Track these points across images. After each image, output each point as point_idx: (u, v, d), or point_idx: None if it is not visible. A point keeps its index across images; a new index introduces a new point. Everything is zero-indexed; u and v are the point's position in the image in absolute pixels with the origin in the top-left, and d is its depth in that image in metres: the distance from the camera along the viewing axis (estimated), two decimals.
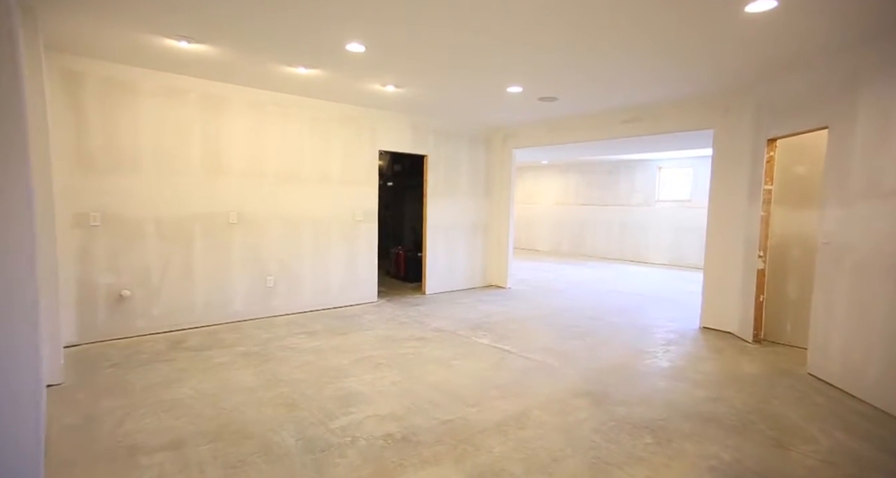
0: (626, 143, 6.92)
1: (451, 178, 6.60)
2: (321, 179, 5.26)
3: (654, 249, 10.49)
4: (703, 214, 9.67)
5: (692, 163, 9.88)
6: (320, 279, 5.33)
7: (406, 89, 4.67)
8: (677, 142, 6.67)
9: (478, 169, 6.96)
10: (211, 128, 4.42)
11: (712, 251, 4.89)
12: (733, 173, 4.68)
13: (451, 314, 5.32)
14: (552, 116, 5.95)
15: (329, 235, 5.37)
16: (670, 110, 5.12)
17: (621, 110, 5.46)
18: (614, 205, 11.28)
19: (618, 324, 5.04)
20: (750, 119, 4.49)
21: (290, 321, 4.82)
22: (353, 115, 5.46)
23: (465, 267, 6.92)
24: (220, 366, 3.47)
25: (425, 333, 4.51)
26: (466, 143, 6.75)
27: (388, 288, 6.86)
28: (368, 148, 5.65)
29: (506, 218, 7.09)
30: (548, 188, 12.85)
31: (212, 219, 4.48)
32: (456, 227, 6.74)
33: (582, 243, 11.95)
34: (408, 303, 5.88)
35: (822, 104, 3.53)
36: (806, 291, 4.24)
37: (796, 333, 4.31)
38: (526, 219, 13.36)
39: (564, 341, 4.34)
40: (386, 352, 3.92)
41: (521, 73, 4.03)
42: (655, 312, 5.69)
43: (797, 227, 4.30)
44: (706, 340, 4.46)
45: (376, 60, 3.75)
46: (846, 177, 3.29)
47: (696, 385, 3.32)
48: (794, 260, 4.32)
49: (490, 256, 7.26)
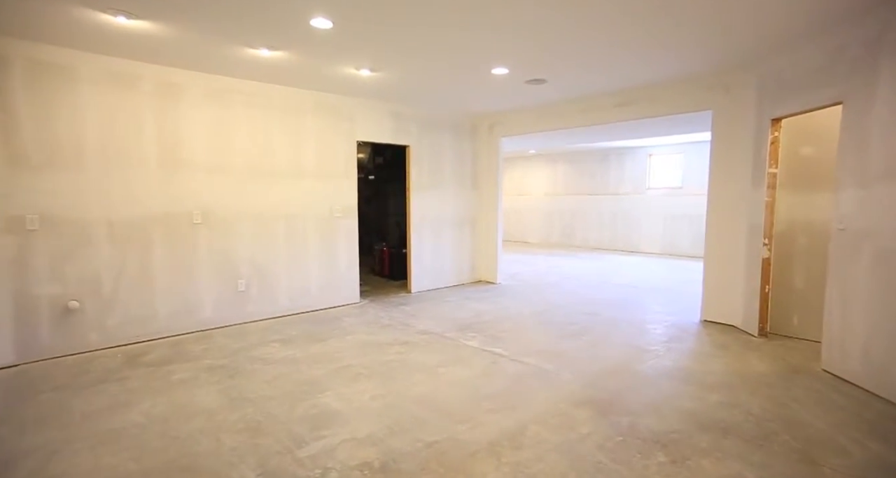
0: (620, 128, 6.60)
1: (435, 169, 6.25)
2: (295, 172, 4.87)
3: (647, 238, 10.27)
4: (695, 201, 9.45)
5: (683, 149, 9.64)
6: (297, 281, 4.96)
7: (383, 73, 4.29)
8: (673, 125, 6.37)
9: (463, 159, 6.61)
10: (168, 119, 4.01)
11: (713, 240, 4.62)
12: (734, 157, 4.40)
13: (439, 314, 5.00)
14: (541, 101, 5.61)
15: (305, 233, 4.99)
16: (666, 91, 4.81)
17: (614, 93, 5.14)
18: (604, 194, 11.02)
19: (615, 319, 4.75)
20: (752, 98, 4.20)
21: (265, 328, 4.46)
22: (328, 104, 5.07)
23: (453, 263, 6.59)
24: (180, 384, 3.10)
25: (410, 337, 4.18)
26: (451, 132, 6.39)
27: (372, 287, 6.51)
28: (346, 139, 5.27)
29: (494, 210, 6.76)
30: (536, 179, 12.55)
31: (173, 219, 4.08)
32: (441, 221, 6.40)
33: (573, 234, 11.69)
34: (392, 303, 5.54)
35: (836, 78, 3.24)
36: (814, 281, 3.99)
37: (804, 325, 4.06)
38: (515, 211, 13.06)
39: (560, 341, 4.04)
40: (367, 360, 3.58)
41: (507, 52, 3.68)
42: (652, 305, 5.42)
43: (804, 212, 4.03)
44: (709, 335, 4.20)
45: (346, 39, 3.37)
46: (864, 156, 3.01)
47: (706, 388, 3.04)
48: (801, 247, 4.06)
49: (478, 250, 6.94)
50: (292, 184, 4.86)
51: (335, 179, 5.20)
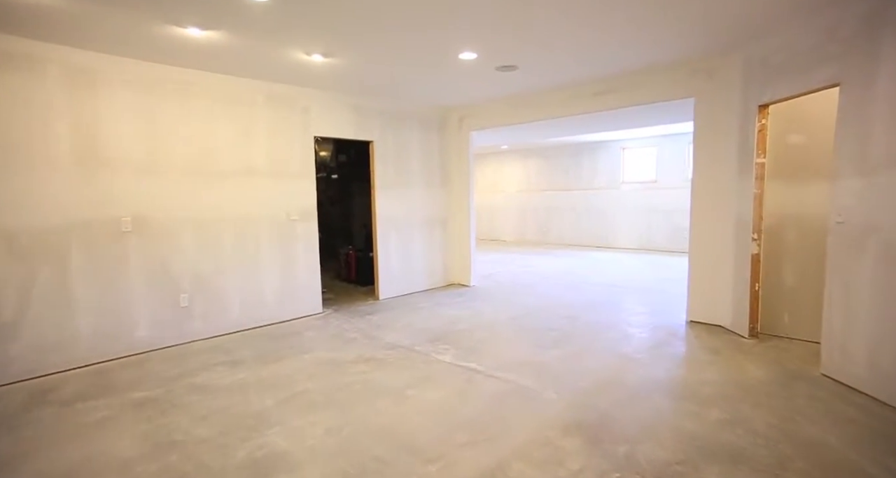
0: (598, 119, 6.30)
1: (401, 166, 5.82)
2: (244, 171, 4.37)
3: (622, 233, 10.10)
4: (670, 195, 9.31)
5: (657, 142, 9.49)
6: (250, 292, 4.46)
7: (338, 60, 3.85)
8: (654, 115, 6.10)
9: (432, 155, 6.20)
10: (84, 110, 3.46)
11: (698, 235, 4.36)
12: (719, 146, 4.14)
13: (408, 323, 4.59)
14: (513, 91, 5.26)
15: (258, 238, 4.50)
16: (646, 78, 4.52)
17: (592, 81, 4.82)
18: (578, 189, 10.80)
19: (597, 323, 4.44)
20: (737, 84, 3.94)
21: (212, 347, 3.96)
22: (280, 95, 4.58)
23: (423, 266, 6.19)
24: (95, 427, 2.60)
25: (376, 352, 3.76)
26: (418, 126, 5.98)
27: (336, 294, 6.04)
28: (302, 134, 4.79)
29: (466, 209, 6.39)
30: (509, 175, 12.26)
31: (95, 227, 3.53)
32: (410, 221, 5.98)
33: (547, 231, 11.45)
34: (358, 312, 5.10)
35: (832, 57, 2.98)
36: (805, 278, 3.76)
37: (795, 324, 3.84)
38: (488, 208, 12.74)
39: (540, 351, 3.70)
40: (325, 383, 3.14)
41: (474, 35, 3.29)
42: (634, 305, 5.15)
43: (793, 204, 3.79)
44: (698, 339, 3.93)
45: (288, 17, 2.91)
46: (866, 142, 2.76)
47: (704, 402, 2.73)
48: (791, 242, 3.83)
49: (451, 251, 6.55)
50: (242, 184, 4.36)
51: (291, 179, 4.72)
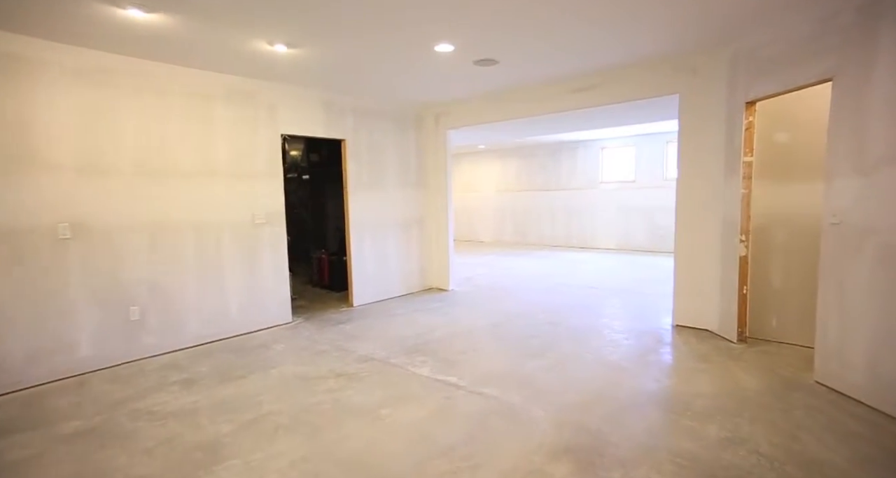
0: (578, 117, 6.12)
1: (376, 166, 5.54)
2: (204, 171, 4.02)
3: (601, 233, 10.02)
4: (648, 194, 9.27)
5: (635, 141, 9.44)
6: (211, 302, 4.12)
7: (304, 51, 3.55)
8: (636, 113, 5.94)
9: (407, 155, 5.94)
10: (12, 102, 3.08)
11: (684, 237, 4.22)
12: (705, 145, 4.00)
13: (383, 333, 4.32)
14: (492, 88, 5.04)
15: (220, 243, 4.16)
16: (628, 75, 4.36)
17: (572, 77, 4.64)
18: (557, 189, 10.69)
19: (581, 329, 4.26)
20: (723, 80, 3.81)
21: (167, 365, 3.61)
22: (243, 90, 4.25)
23: (400, 270, 5.92)
24: (14, 469, 2.25)
25: (348, 366, 3.48)
26: (393, 124, 5.71)
27: (309, 301, 5.72)
28: (268, 132, 4.46)
29: (443, 210, 6.15)
30: (487, 175, 12.08)
31: (25, 234, 3.15)
32: (385, 223, 5.71)
33: (526, 231, 11.31)
34: (330, 320, 4.80)
35: (825, 51, 2.85)
36: (792, 280, 3.65)
37: (784, 327, 3.72)
38: (466, 209, 12.54)
39: (524, 362, 3.48)
40: (291, 404, 2.85)
41: (451, 24, 3.05)
42: (618, 308, 4.99)
43: (781, 204, 3.68)
44: (686, 345, 3.78)
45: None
46: (862, 139, 2.63)
47: (701, 417, 2.56)
48: (779, 243, 3.71)
49: (428, 254, 6.30)
50: (202, 185, 4.01)
51: (256, 179, 4.39)
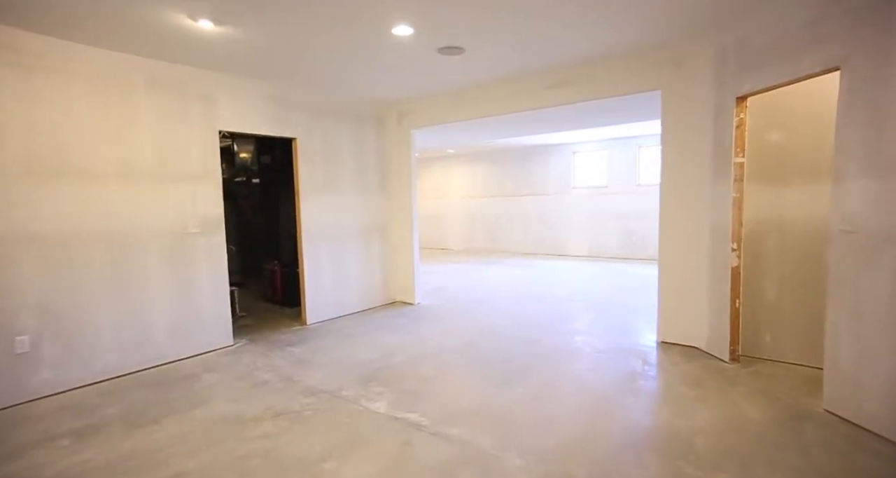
0: (551, 116, 5.76)
1: (332, 168, 5.01)
2: (121, 172, 3.41)
3: (574, 240, 9.74)
4: (621, 200, 9.04)
5: (607, 146, 9.22)
6: (130, 327, 3.49)
7: (236, 29, 3.02)
8: (615, 111, 5.59)
9: (367, 156, 5.44)
10: None
11: (668, 245, 3.88)
12: (690, 145, 3.68)
13: (338, 356, 3.78)
14: (459, 83, 4.61)
15: (143, 257, 3.54)
16: (607, 69, 4.01)
17: (546, 72, 4.26)
18: (529, 194, 10.38)
19: (559, 349, 3.85)
20: (710, 73, 3.49)
21: (66, 407, 2.97)
22: (170, 78, 3.66)
23: (360, 282, 5.38)
24: None
25: (291, 402, 2.94)
26: (351, 123, 5.20)
27: (257, 319, 5.11)
28: (203, 127, 3.88)
29: (408, 216, 5.66)
30: (457, 180, 11.67)
31: None
32: (343, 231, 5.18)
33: (497, 238, 10.94)
34: (279, 342, 4.23)
35: (831, 36, 2.53)
36: (787, 292, 3.34)
37: (778, 344, 3.40)
38: (435, 215, 12.08)
39: (497, 392, 3.02)
40: (210, 460, 2.30)
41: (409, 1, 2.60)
42: (597, 323, 4.61)
43: (773, 209, 3.37)
44: (675, 365, 3.40)
45: None
46: (879, 135, 2.30)
47: (708, 464, 2.15)
48: (771, 251, 3.40)
49: (392, 265, 5.79)
50: (118, 189, 3.40)
51: (189, 182, 3.80)
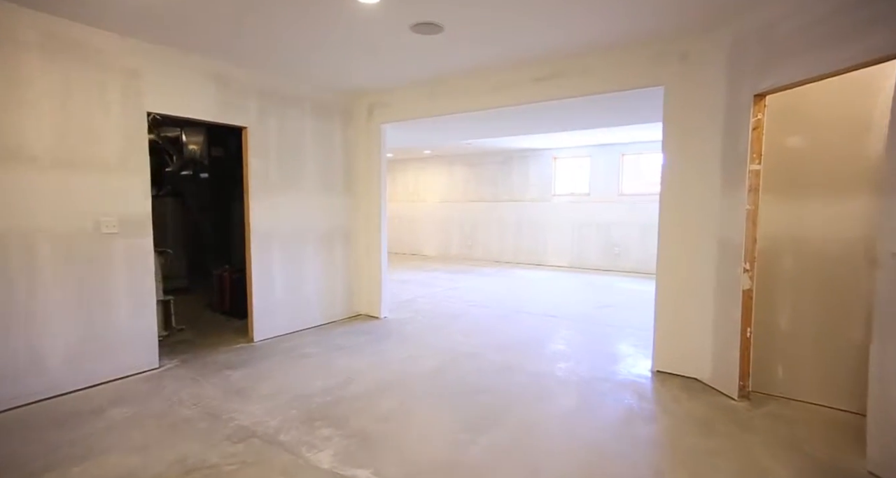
0: (540, 114, 5.20)
1: (290, 163, 4.40)
2: (4, 157, 2.74)
3: (553, 250, 9.31)
4: (603, 209, 8.68)
5: (589, 152, 8.85)
6: (14, 350, 2.80)
7: None
8: (610, 110, 5.06)
9: (333, 152, 4.85)
10: None
11: (667, 261, 3.42)
12: (697, 149, 3.23)
13: (283, 385, 3.17)
14: (436, 72, 4.08)
15: (31, 263, 2.86)
16: (602, 61, 3.55)
17: (534, 62, 3.77)
18: (507, 200, 9.92)
19: (542, 379, 3.33)
20: (722, 67, 3.05)
21: None
22: (77, 41, 3.00)
23: (319, 293, 4.77)
24: None
25: (211, 452, 2.32)
26: (313, 114, 4.60)
27: (197, 334, 4.43)
28: (125, 107, 3.24)
29: (376, 220, 5.09)
30: (433, 184, 11.14)
31: None
32: (302, 235, 4.56)
33: (474, 245, 10.44)
34: (216, 364, 3.58)
35: (878, 20, 2.10)
36: (803, 321, 2.91)
37: (792, 380, 2.97)
38: (409, 220, 11.51)
39: (472, 439, 2.48)
40: None
41: None
42: (583, 346, 4.13)
43: (789, 225, 2.95)
44: (677, 403, 2.93)
45: None
46: None
47: None
48: (787, 273, 2.97)
49: (357, 273, 5.20)
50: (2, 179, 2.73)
51: (104, 173, 3.14)
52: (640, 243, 8.31)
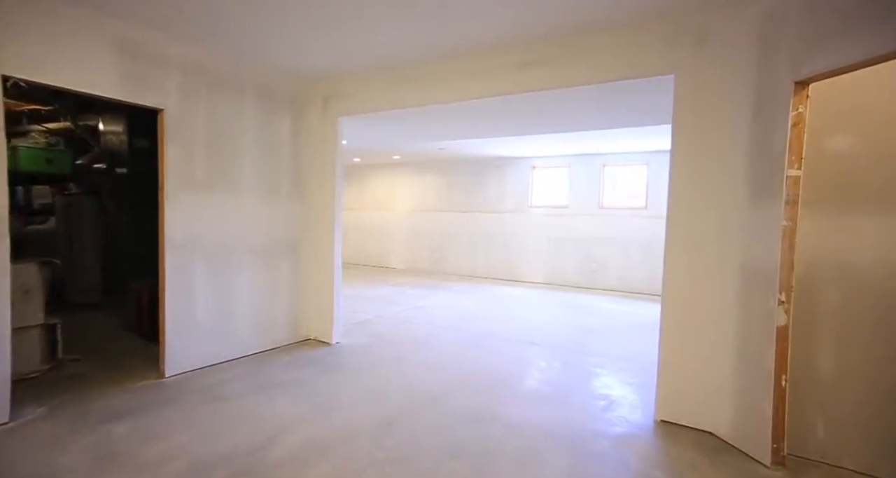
0: (523, 109, 4.32)
1: (222, 159, 3.63)
2: None
3: (529, 265, 8.71)
4: (582, 223, 8.14)
5: (569, 162, 8.33)
6: None
7: None
8: (612, 107, 4.17)
9: (278, 149, 4.09)
10: None
11: (675, 289, 2.80)
12: (714, 151, 2.65)
13: (178, 448, 2.37)
14: (401, 54, 3.41)
15: None
16: (598, 43, 2.95)
17: (518, 43, 3.14)
18: (481, 211, 9.29)
19: (524, 434, 2.63)
20: (749, 51, 2.48)
21: None
22: None
23: (256, 315, 3.96)
24: None
25: None
26: (255, 100, 3.85)
27: (95, 366, 3.56)
28: None
29: (329, 230, 4.33)
30: (402, 192, 10.43)
31: None
32: (235, 245, 3.77)
33: (444, 258, 9.73)
34: (99, 413, 2.74)
35: None
36: (851, 368, 2.33)
37: (835, 442, 2.37)
38: (376, 229, 10.74)
39: None
40: None
41: None
42: (568, 384, 3.46)
43: (833, 248, 2.37)
44: (697, 472, 2.28)
45: None
46: None
47: None
48: (828, 306, 2.39)
49: (306, 292, 4.41)
50: None
51: None
52: (620, 260, 7.80)
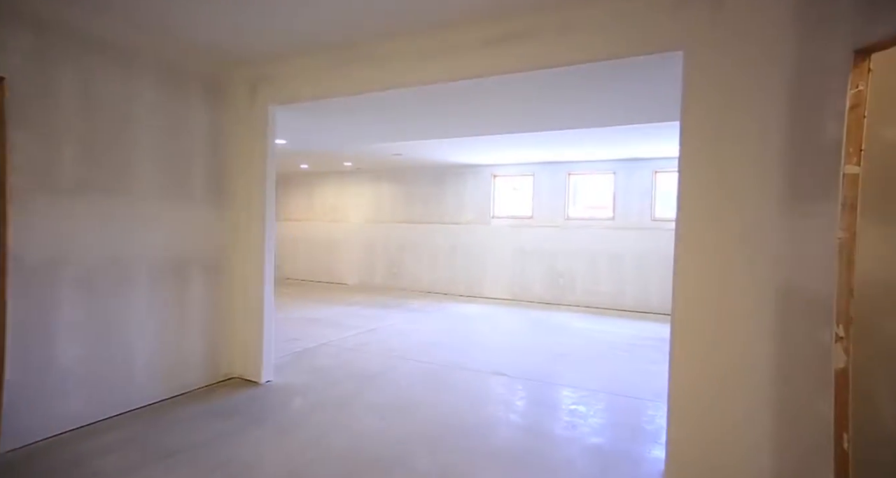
0: (492, 100, 3.56)
1: (105, 151, 2.79)
2: None
3: (491, 280, 8.12)
4: (548, 235, 7.64)
5: (533, 170, 7.86)
6: None
7: None
8: (600, 96, 3.44)
9: (189, 142, 3.28)
10: None
11: (688, 318, 2.22)
12: (736, 144, 2.11)
13: None
14: (347, 28, 2.73)
15: None
16: (589, 15, 2.39)
17: (484, 13, 2.53)
18: (440, 223, 8.65)
19: None
20: (785, 13, 1.97)
21: None
22: None
23: (157, 353, 3.09)
24: None
25: None
26: (154, 78, 3.04)
27: None
28: None
29: (259, 243, 3.54)
30: (355, 202, 9.65)
31: None
32: (126, 264, 2.91)
33: (401, 273, 9.00)
34: None
35: None
36: None
37: None
38: (327, 242, 9.88)
39: None
40: None
41: None
42: (550, 433, 2.82)
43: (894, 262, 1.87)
44: None
45: None
46: None
47: None
48: (891, 338, 1.88)
49: (229, 319, 3.58)
50: None
51: None
52: (587, 274, 7.35)
